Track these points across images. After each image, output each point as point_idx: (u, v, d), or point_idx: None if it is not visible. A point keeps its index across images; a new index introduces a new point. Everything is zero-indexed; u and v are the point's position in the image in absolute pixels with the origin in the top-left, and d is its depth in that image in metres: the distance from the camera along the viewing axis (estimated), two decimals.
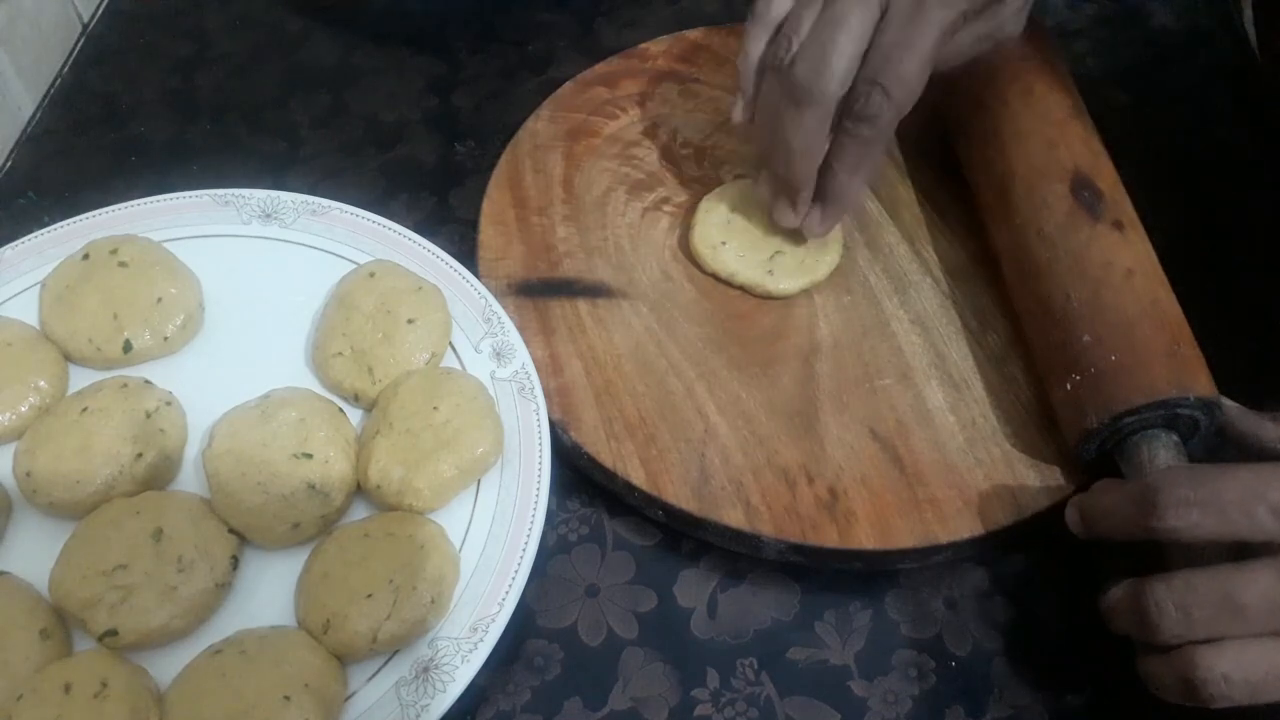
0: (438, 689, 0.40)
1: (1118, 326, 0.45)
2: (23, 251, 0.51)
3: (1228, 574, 0.36)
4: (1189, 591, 0.36)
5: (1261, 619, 0.35)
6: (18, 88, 0.61)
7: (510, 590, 0.43)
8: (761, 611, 0.46)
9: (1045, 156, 0.51)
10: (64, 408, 0.45)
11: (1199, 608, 0.36)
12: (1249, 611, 0.35)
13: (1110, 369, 0.45)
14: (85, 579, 0.41)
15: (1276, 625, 0.35)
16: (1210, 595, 0.36)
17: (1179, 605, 0.36)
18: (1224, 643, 0.35)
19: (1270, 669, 0.35)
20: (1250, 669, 0.35)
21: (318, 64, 0.65)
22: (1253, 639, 0.35)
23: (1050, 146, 0.51)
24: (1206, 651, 0.35)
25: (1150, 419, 0.44)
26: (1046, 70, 0.53)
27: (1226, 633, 0.35)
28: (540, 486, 0.45)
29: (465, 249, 0.54)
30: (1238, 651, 0.35)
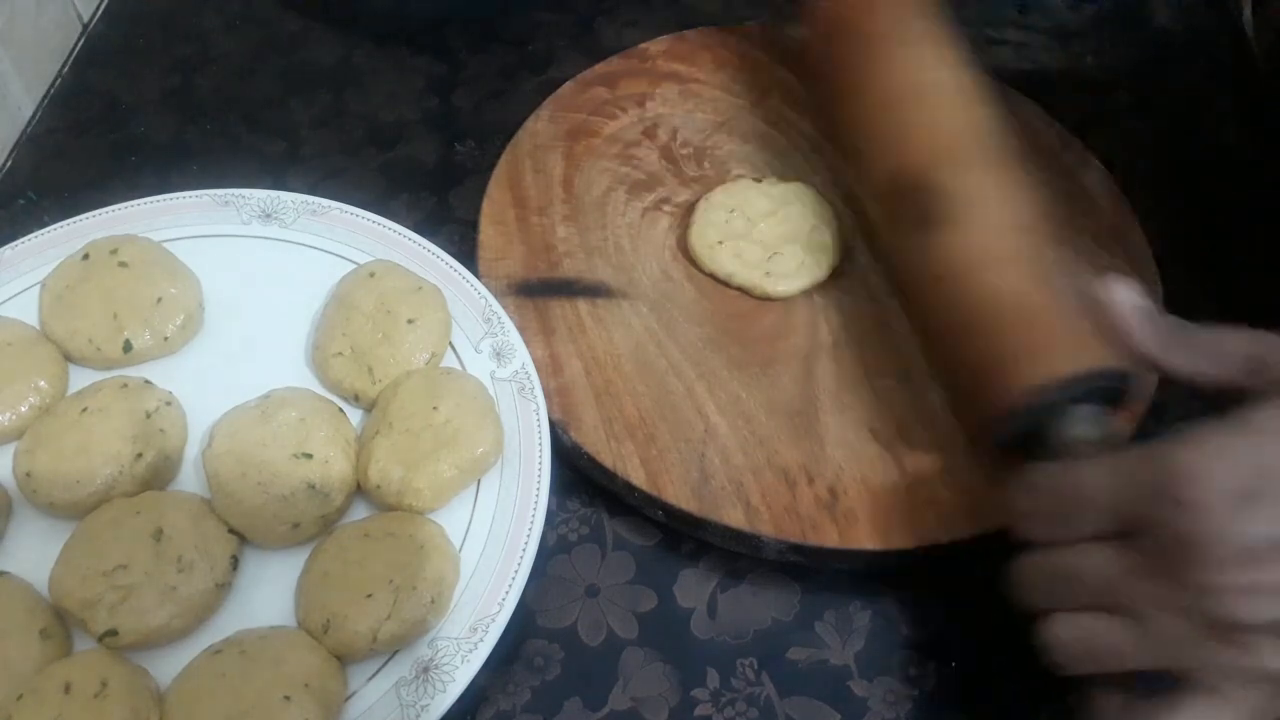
0: (438, 689, 0.40)
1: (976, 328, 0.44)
2: (23, 251, 0.51)
3: (1071, 552, 0.37)
4: (1039, 569, 0.38)
5: (1099, 592, 0.36)
6: (18, 88, 0.61)
7: (510, 590, 0.43)
8: (761, 611, 0.46)
9: (878, 159, 0.50)
10: (64, 408, 0.45)
11: (1046, 582, 0.38)
12: (1084, 585, 0.36)
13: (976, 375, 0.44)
14: (85, 579, 0.41)
15: (1114, 599, 0.36)
16: (1051, 571, 0.37)
17: (1031, 580, 0.38)
18: (1066, 612, 0.37)
19: (1101, 640, 0.36)
20: (1073, 636, 0.36)
21: (318, 64, 0.65)
22: (1093, 610, 0.36)
23: (885, 142, 0.50)
24: (1051, 619, 0.37)
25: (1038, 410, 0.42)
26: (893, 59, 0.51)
27: (1069, 603, 0.37)
28: (540, 486, 0.45)
29: (465, 249, 0.54)
30: (1070, 622, 0.37)
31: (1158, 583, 0.34)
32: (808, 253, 0.54)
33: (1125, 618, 0.35)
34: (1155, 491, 0.34)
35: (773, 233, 0.54)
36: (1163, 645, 0.35)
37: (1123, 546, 0.35)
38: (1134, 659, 0.35)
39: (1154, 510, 0.34)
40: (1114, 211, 0.57)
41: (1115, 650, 0.36)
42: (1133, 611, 0.35)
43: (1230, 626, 0.33)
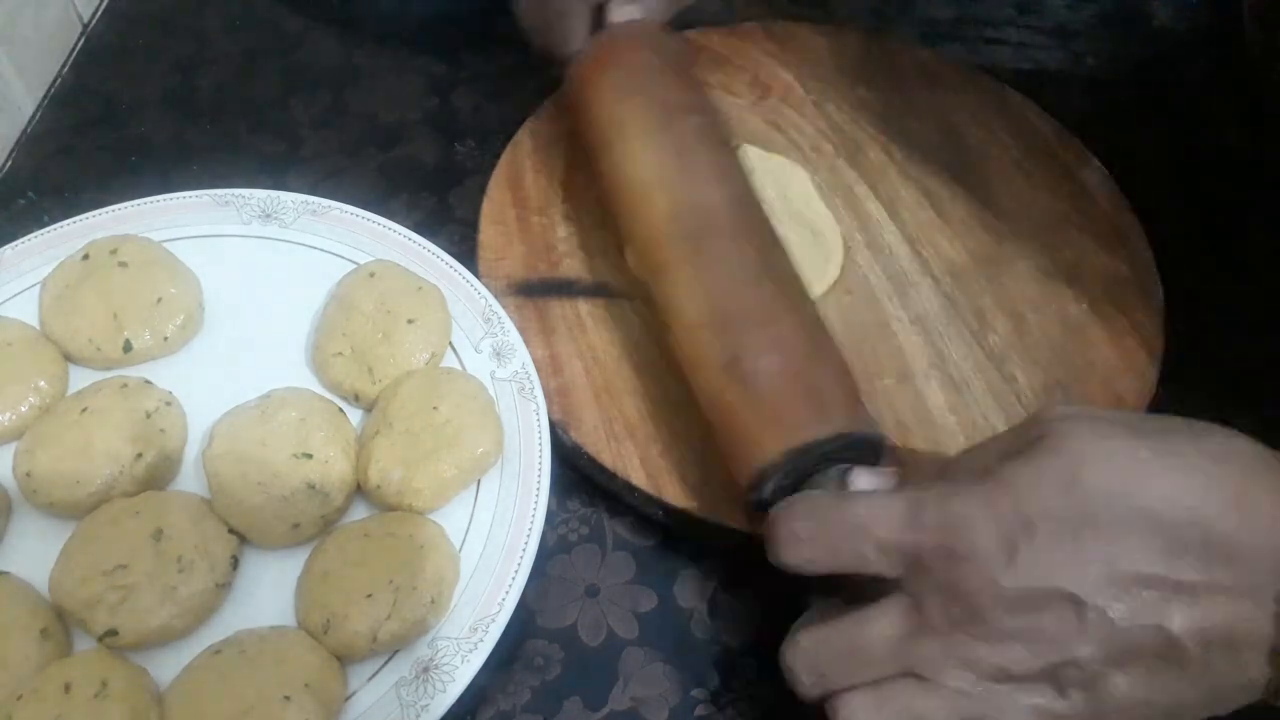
0: (438, 689, 0.40)
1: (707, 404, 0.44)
2: (23, 251, 0.51)
3: (847, 624, 0.36)
4: (815, 651, 0.37)
5: (883, 664, 0.35)
6: (18, 88, 0.61)
7: (510, 590, 0.43)
8: (761, 611, 0.46)
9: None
10: (64, 408, 0.45)
11: (827, 664, 0.36)
12: (873, 657, 0.35)
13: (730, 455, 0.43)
14: (85, 579, 0.41)
15: (896, 667, 0.35)
16: (834, 650, 0.36)
17: (809, 668, 0.37)
18: (856, 690, 0.36)
19: (896, 711, 0.35)
20: (879, 713, 0.35)
21: (318, 64, 0.65)
22: (883, 682, 0.35)
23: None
24: (841, 702, 0.36)
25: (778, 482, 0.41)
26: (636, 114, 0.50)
27: (858, 680, 0.36)
28: (540, 486, 0.45)
29: (465, 249, 0.54)
30: (863, 698, 0.36)
31: (940, 640, 0.35)
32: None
33: (914, 681, 0.35)
34: (932, 538, 0.35)
35: None
36: (958, 701, 0.35)
37: (898, 607, 0.35)
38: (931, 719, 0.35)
39: (930, 557, 0.35)
40: (1114, 211, 0.57)
41: (915, 717, 0.35)
42: (920, 674, 0.35)
43: (1013, 674, 0.34)
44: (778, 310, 0.45)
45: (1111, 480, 0.34)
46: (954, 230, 0.56)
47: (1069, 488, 0.34)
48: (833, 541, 0.36)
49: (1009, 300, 0.53)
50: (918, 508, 0.35)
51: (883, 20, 0.70)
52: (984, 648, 0.34)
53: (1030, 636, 0.34)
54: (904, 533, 0.35)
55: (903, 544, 0.35)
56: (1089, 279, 0.54)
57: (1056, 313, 0.53)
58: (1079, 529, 0.33)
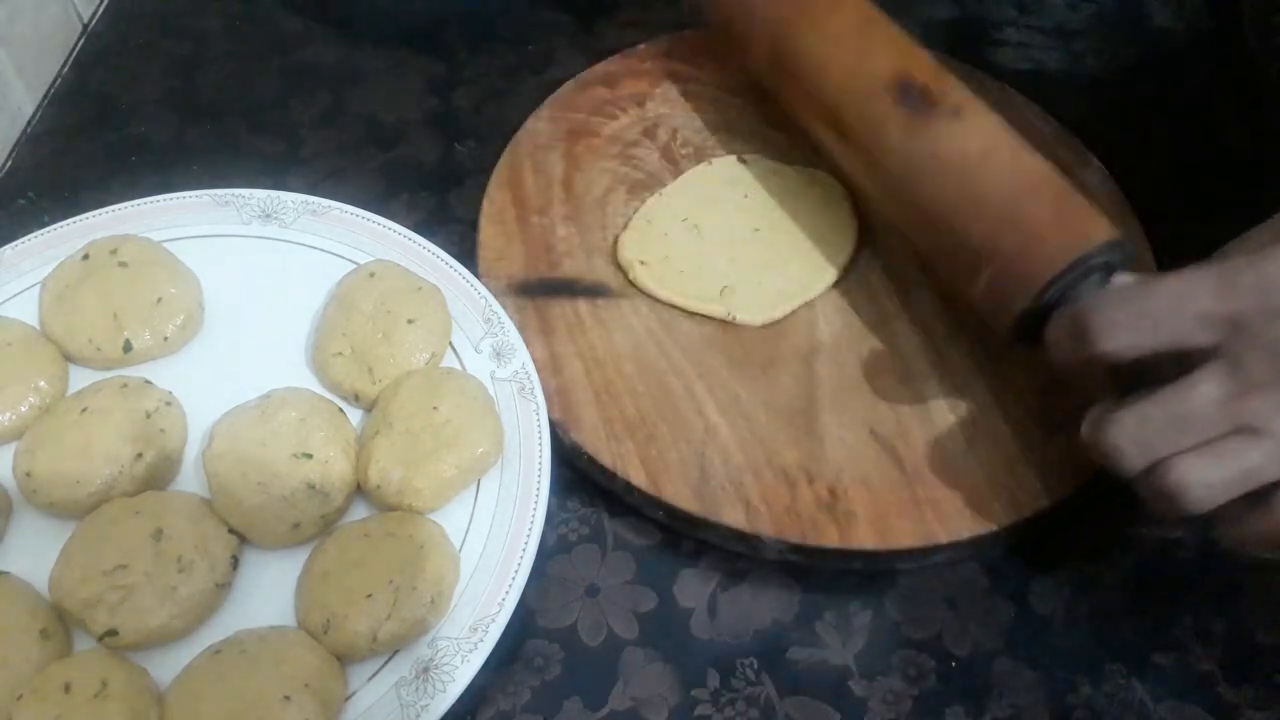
0: (438, 689, 0.40)
1: (1000, 212, 0.45)
2: (23, 251, 0.51)
3: (1169, 394, 0.38)
4: (1140, 423, 0.38)
5: (1211, 424, 0.37)
6: (18, 88, 0.61)
7: (510, 590, 0.43)
8: (761, 611, 0.46)
9: (861, 71, 0.51)
10: (64, 408, 0.45)
11: (1153, 434, 0.38)
12: (1197, 421, 0.37)
13: (1012, 254, 0.44)
14: (85, 579, 0.41)
15: (1226, 425, 0.37)
16: (1158, 419, 0.38)
17: (1134, 440, 0.38)
18: (1187, 453, 0.38)
19: (1228, 468, 0.37)
20: (1211, 472, 0.37)
21: (318, 64, 0.65)
22: (1209, 444, 0.37)
23: (861, 58, 0.51)
24: (1170, 466, 0.38)
25: (1070, 280, 0.43)
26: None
27: (1184, 446, 0.38)
28: (540, 486, 0.45)
29: (465, 249, 0.54)
30: (1197, 459, 0.37)
31: (1268, 395, 0.37)
32: (789, 277, 0.53)
33: (1245, 437, 0.37)
34: (1251, 300, 0.37)
35: (730, 255, 0.54)
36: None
37: (1220, 370, 0.37)
38: (1268, 472, 0.37)
39: (1251, 318, 0.36)
40: (1114, 211, 0.56)
41: (1252, 470, 0.37)
42: (1250, 429, 0.37)
43: None
44: None
45: None
46: None
47: None
48: (1153, 321, 0.38)
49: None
50: (1232, 274, 0.37)
51: None
52: None
53: None
54: (1223, 299, 0.37)
55: (1223, 310, 0.37)
56: None
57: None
58: None
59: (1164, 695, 0.44)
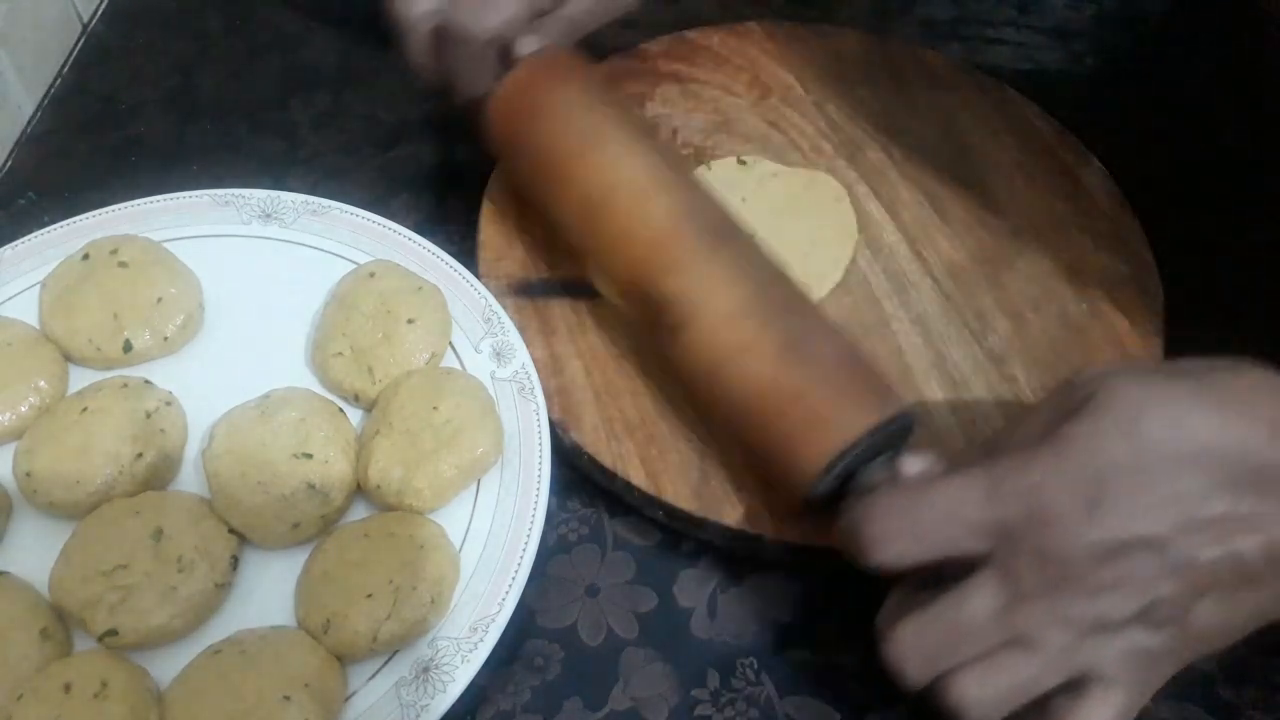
0: (438, 689, 0.40)
1: (754, 423, 0.44)
2: (23, 251, 0.51)
3: (944, 606, 0.37)
4: (918, 638, 0.37)
5: (986, 636, 0.37)
6: (18, 88, 0.61)
7: (510, 590, 0.43)
8: (761, 611, 0.46)
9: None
10: (64, 408, 0.45)
11: (932, 649, 0.37)
12: (973, 634, 0.37)
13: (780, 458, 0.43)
14: (85, 579, 0.41)
15: (1000, 637, 0.36)
16: (937, 634, 0.37)
17: (915, 656, 0.37)
18: (964, 668, 0.37)
19: (1005, 682, 0.36)
20: (987, 687, 0.37)
21: (318, 64, 0.65)
22: (985, 657, 0.37)
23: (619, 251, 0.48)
24: (951, 682, 0.37)
25: (839, 474, 0.42)
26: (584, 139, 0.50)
27: (964, 657, 0.37)
28: (540, 486, 0.45)
29: (465, 249, 0.54)
30: (974, 674, 0.37)
31: (1037, 604, 0.36)
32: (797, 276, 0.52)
33: (1018, 648, 0.36)
34: (1018, 508, 0.36)
35: None
36: (1063, 658, 0.36)
37: (992, 579, 0.36)
38: (1043, 683, 0.36)
39: (1018, 526, 0.36)
40: (1114, 211, 0.57)
41: (1027, 682, 0.36)
42: (1023, 640, 0.36)
43: (1108, 622, 0.36)
44: (807, 300, 0.46)
45: (1166, 424, 0.36)
46: (954, 230, 0.56)
47: (1130, 437, 0.35)
48: (923, 532, 0.37)
49: (1009, 300, 0.53)
50: (997, 482, 0.36)
51: (883, 20, 0.70)
52: (1080, 603, 0.36)
53: (1121, 584, 0.35)
54: (989, 509, 0.36)
55: (991, 520, 0.36)
56: (1089, 279, 0.54)
57: (1056, 313, 0.53)
58: (1147, 475, 0.35)
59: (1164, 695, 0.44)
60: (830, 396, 0.43)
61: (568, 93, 0.51)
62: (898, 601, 0.40)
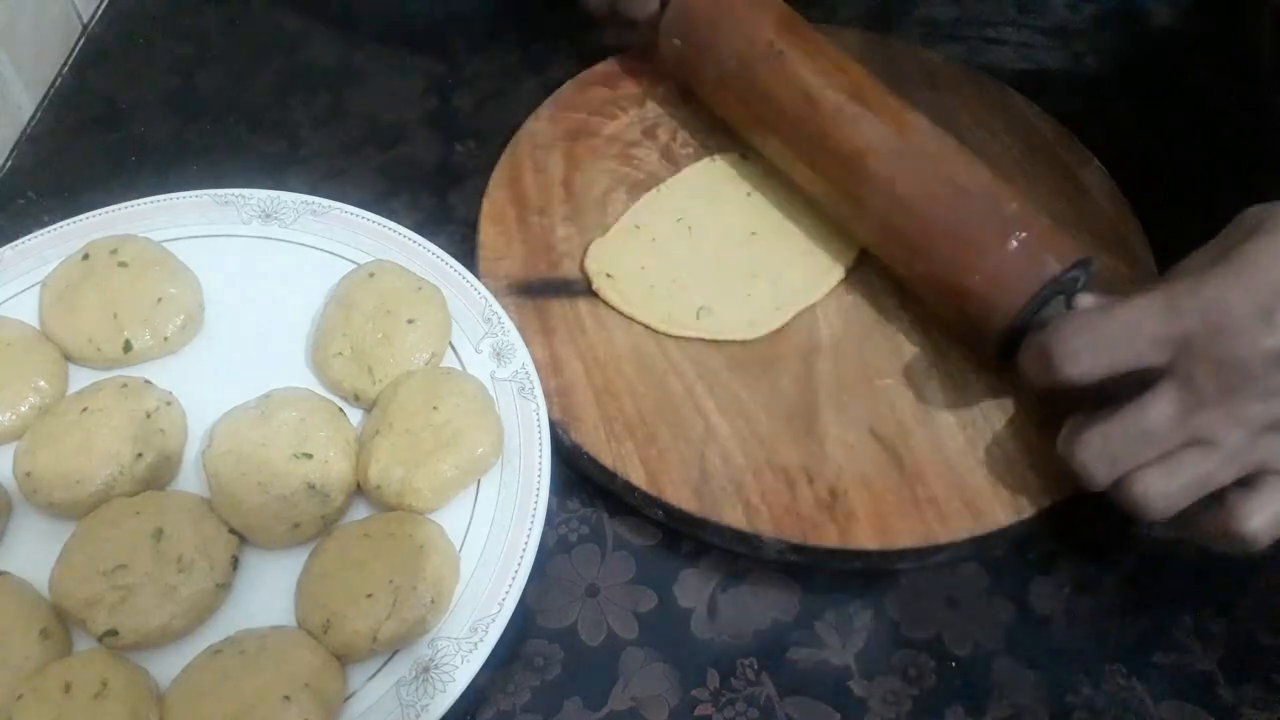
0: (438, 689, 0.40)
1: (1025, 198, 0.49)
2: (23, 251, 0.51)
3: (1128, 413, 0.42)
4: (1103, 442, 0.42)
5: (1167, 438, 0.41)
6: (18, 88, 0.61)
7: (510, 590, 0.43)
8: (761, 611, 0.46)
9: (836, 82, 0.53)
10: (64, 408, 0.45)
11: (1116, 451, 0.42)
12: (1155, 437, 0.41)
13: (1047, 226, 0.48)
14: (85, 579, 0.41)
15: (1180, 439, 0.41)
16: (1119, 437, 0.42)
17: (1099, 456, 0.42)
18: (1146, 467, 0.42)
19: (1184, 478, 0.41)
20: (1169, 483, 0.41)
21: (318, 64, 0.65)
22: (1166, 457, 0.41)
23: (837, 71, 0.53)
24: (1134, 479, 0.42)
25: (1037, 304, 0.46)
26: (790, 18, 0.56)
27: (1144, 459, 0.42)
28: (540, 486, 0.45)
29: (465, 249, 0.54)
30: (1156, 472, 0.41)
31: (1216, 409, 0.40)
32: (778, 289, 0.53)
33: (1198, 448, 0.41)
34: (1195, 322, 0.40)
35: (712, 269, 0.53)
36: (1239, 456, 0.41)
37: (1172, 388, 0.41)
38: (1220, 477, 0.41)
39: (1197, 338, 0.40)
40: (1114, 211, 0.57)
41: (1205, 477, 0.41)
42: (1202, 440, 0.41)
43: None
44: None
45: None
46: None
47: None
48: (1109, 346, 0.41)
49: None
50: (1176, 298, 0.41)
51: (883, 20, 0.70)
52: (1256, 405, 0.40)
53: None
54: (1170, 322, 0.40)
55: (1171, 332, 0.40)
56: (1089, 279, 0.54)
57: None
58: None
59: (1164, 695, 0.44)
60: (1050, 225, 0.48)
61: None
62: (1080, 420, 0.43)
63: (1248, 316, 0.39)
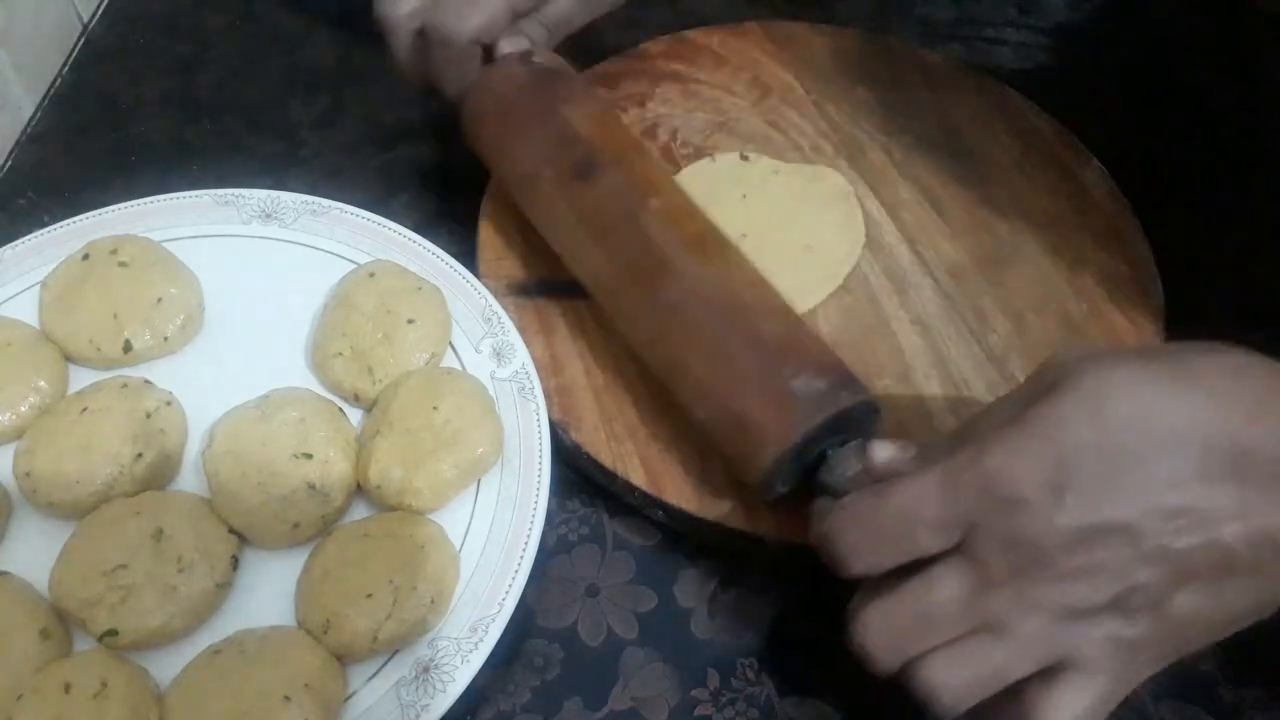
0: (438, 689, 0.40)
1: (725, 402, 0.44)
2: (23, 251, 0.51)
3: (912, 594, 0.37)
4: (885, 625, 0.37)
5: (954, 622, 0.36)
6: (18, 88, 0.61)
7: (510, 590, 0.43)
8: (761, 611, 0.46)
9: None
10: (64, 408, 0.45)
11: (899, 635, 0.37)
12: (944, 618, 0.36)
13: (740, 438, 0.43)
14: (85, 579, 0.41)
15: (968, 624, 0.36)
16: (904, 620, 0.37)
17: (881, 643, 0.37)
18: (933, 653, 0.36)
19: (974, 669, 0.36)
20: (957, 674, 0.36)
21: (318, 64, 0.65)
22: (954, 644, 0.36)
23: None
24: (919, 667, 0.36)
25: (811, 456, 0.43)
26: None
27: (932, 644, 0.36)
28: (540, 487, 0.45)
29: (465, 249, 0.54)
30: (943, 660, 0.36)
31: (1006, 590, 0.35)
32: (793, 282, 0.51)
33: (987, 635, 0.36)
34: (978, 498, 0.35)
35: None
36: (1035, 645, 0.35)
37: (960, 564, 0.36)
38: (1014, 670, 0.36)
39: (981, 517, 0.35)
40: (1114, 211, 0.57)
41: (996, 669, 0.36)
42: (992, 626, 0.36)
43: (1081, 609, 0.35)
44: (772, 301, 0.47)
45: (1133, 408, 0.34)
46: (954, 230, 0.56)
47: (1094, 420, 0.34)
48: (889, 539, 0.37)
49: (1009, 300, 0.53)
50: (955, 475, 0.36)
51: (883, 20, 0.70)
52: (1050, 589, 0.35)
53: (1092, 571, 0.35)
54: (949, 504, 0.36)
55: (952, 515, 0.36)
56: (1089, 279, 0.54)
57: (1056, 313, 0.53)
58: (1115, 460, 0.34)
59: (1164, 695, 0.44)
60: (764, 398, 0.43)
61: (533, 104, 0.51)
62: (868, 588, 0.39)
63: (1037, 489, 0.34)
